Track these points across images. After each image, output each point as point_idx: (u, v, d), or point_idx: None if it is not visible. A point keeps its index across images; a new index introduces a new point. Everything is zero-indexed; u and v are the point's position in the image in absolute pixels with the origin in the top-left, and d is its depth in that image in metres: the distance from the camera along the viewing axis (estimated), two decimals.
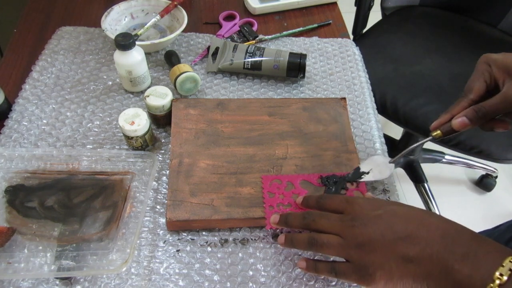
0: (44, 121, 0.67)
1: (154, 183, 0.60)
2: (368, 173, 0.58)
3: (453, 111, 0.52)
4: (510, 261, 0.37)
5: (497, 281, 0.36)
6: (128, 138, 0.61)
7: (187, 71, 0.69)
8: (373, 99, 0.75)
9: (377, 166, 0.59)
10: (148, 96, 0.64)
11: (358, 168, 0.59)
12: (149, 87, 0.71)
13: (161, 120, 0.66)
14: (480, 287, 0.37)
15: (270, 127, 0.64)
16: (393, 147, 1.35)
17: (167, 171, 0.61)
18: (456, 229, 0.42)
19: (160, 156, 0.63)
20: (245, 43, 0.79)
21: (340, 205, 0.48)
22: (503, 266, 0.37)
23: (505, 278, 0.36)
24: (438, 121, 0.53)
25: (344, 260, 0.45)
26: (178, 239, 0.55)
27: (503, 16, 1.11)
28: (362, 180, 0.58)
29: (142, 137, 0.61)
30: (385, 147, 0.67)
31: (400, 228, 0.43)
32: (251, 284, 0.51)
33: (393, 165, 0.59)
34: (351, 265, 0.44)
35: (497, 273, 0.37)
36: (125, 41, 0.65)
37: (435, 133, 0.53)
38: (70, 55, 0.77)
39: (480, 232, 0.53)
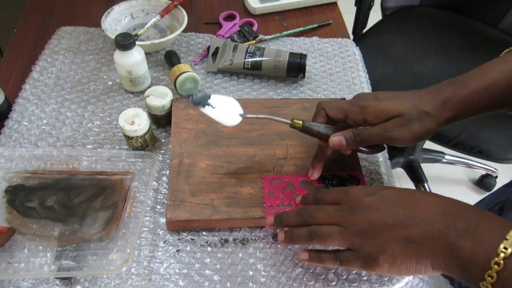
0: (44, 121, 0.67)
1: (154, 183, 0.60)
2: (214, 107, 0.53)
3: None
4: None
5: (502, 254, 0.36)
6: (128, 138, 0.61)
7: (187, 71, 0.69)
8: None
9: (228, 109, 0.54)
10: (148, 96, 0.64)
11: (208, 97, 0.54)
12: (149, 87, 0.71)
13: (161, 120, 0.66)
14: (484, 261, 0.37)
15: (270, 127, 0.64)
16: (393, 146, 1.35)
17: (167, 171, 0.61)
18: (454, 205, 0.42)
19: (160, 156, 0.63)
20: (245, 43, 0.79)
21: (337, 197, 0.48)
22: (506, 239, 0.37)
23: (509, 251, 0.36)
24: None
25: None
26: (178, 239, 0.55)
27: (503, 16, 1.10)
28: (205, 113, 0.53)
29: (142, 137, 0.61)
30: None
31: (398, 210, 0.43)
32: (251, 284, 0.51)
33: (240, 118, 0.55)
34: (354, 252, 0.44)
35: (501, 247, 0.36)
36: (125, 41, 0.65)
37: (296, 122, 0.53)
38: (70, 55, 0.77)
39: None
